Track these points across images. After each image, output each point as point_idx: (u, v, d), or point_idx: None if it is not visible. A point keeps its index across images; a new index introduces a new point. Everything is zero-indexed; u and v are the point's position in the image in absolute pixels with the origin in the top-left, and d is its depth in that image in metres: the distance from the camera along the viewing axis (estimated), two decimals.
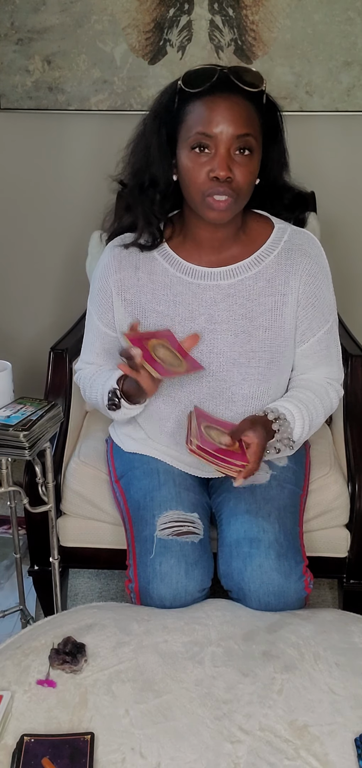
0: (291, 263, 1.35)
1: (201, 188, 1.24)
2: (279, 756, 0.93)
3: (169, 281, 1.36)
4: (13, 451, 1.31)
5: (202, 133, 1.21)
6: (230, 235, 1.34)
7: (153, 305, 1.37)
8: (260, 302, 1.34)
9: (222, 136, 1.20)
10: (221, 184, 1.21)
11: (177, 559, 1.27)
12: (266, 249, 1.36)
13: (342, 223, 2.34)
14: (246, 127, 1.21)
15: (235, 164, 1.22)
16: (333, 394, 1.44)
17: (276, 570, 1.25)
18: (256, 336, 1.35)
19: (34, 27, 2.23)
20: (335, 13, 2.16)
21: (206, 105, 1.22)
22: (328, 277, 1.40)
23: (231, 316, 1.34)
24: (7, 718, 0.99)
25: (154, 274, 1.37)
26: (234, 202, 1.24)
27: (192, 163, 1.23)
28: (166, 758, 0.93)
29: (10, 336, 2.55)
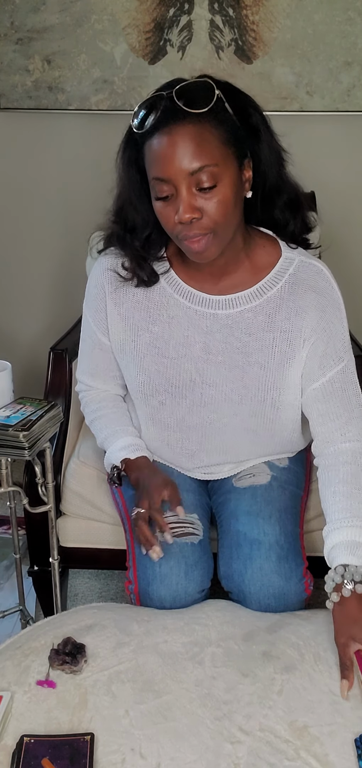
0: (295, 299, 1.25)
1: (173, 232, 1.16)
2: (279, 756, 0.93)
3: (166, 301, 1.29)
4: (13, 451, 1.31)
5: (157, 179, 1.12)
6: (230, 260, 1.24)
7: (147, 324, 1.30)
8: (258, 337, 1.26)
9: (177, 177, 1.09)
10: (190, 226, 1.12)
11: (176, 560, 1.26)
12: (270, 280, 1.26)
13: (342, 223, 2.34)
14: (199, 159, 1.08)
15: (201, 199, 1.10)
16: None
17: (277, 572, 1.25)
18: (250, 372, 1.27)
19: (34, 27, 2.23)
20: (335, 13, 2.16)
21: (156, 144, 1.11)
22: (340, 311, 1.28)
23: (227, 349, 1.27)
24: (7, 719, 0.99)
25: (150, 292, 1.30)
26: (213, 237, 1.14)
27: (159, 210, 1.15)
28: (166, 759, 0.93)
29: (10, 336, 2.55)
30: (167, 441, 1.38)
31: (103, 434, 1.43)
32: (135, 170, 1.19)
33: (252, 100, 1.18)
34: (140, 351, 1.32)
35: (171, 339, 1.30)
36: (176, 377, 1.30)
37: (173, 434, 1.36)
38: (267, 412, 1.31)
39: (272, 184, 1.23)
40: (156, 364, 1.31)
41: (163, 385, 1.31)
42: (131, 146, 1.18)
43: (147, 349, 1.31)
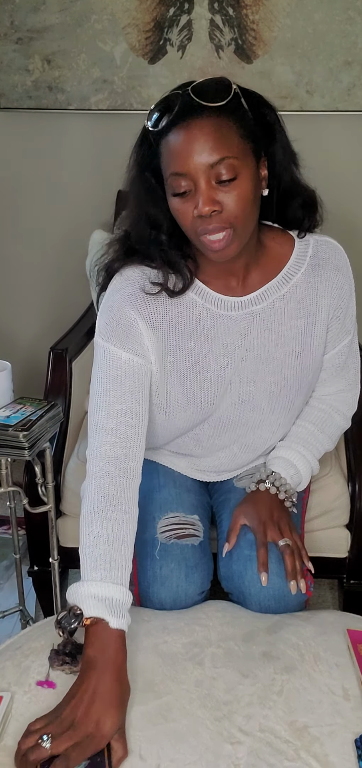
0: (321, 280, 1.26)
1: (191, 229, 1.12)
2: (279, 757, 0.93)
3: (198, 314, 1.23)
4: (13, 451, 1.31)
5: (175, 174, 1.09)
6: (249, 260, 1.23)
7: (185, 342, 1.23)
8: (291, 325, 1.26)
9: (197, 170, 1.07)
10: (210, 220, 1.09)
11: (177, 562, 1.26)
12: (292, 266, 1.26)
13: (342, 222, 2.33)
14: (220, 151, 1.06)
15: (221, 193, 1.08)
16: (339, 417, 1.39)
17: (277, 574, 1.25)
18: (288, 363, 1.27)
19: (34, 26, 2.23)
20: (335, 12, 2.16)
21: (173, 140, 1.08)
22: (352, 288, 1.32)
23: (263, 343, 1.25)
24: (6, 719, 0.99)
25: (182, 307, 1.23)
26: (233, 233, 1.11)
27: (177, 207, 1.12)
28: (166, 760, 0.93)
29: (10, 336, 2.55)
30: (197, 437, 1.33)
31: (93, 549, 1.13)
32: (150, 173, 1.16)
33: (266, 99, 1.17)
34: (181, 372, 1.24)
35: (210, 352, 1.24)
36: (218, 387, 1.26)
37: (206, 431, 1.32)
38: (300, 400, 1.34)
39: (287, 185, 1.23)
40: (199, 382, 1.25)
41: (207, 400, 1.27)
42: (145, 148, 1.15)
43: (189, 370, 1.24)
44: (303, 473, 1.34)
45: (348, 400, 1.41)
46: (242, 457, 1.38)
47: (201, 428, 1.32)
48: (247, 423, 1.31)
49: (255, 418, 1.31)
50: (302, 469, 1.34)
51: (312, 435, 1.36)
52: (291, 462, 1.33)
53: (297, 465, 1.33)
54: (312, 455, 1.35)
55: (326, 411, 1.38)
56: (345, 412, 1.41)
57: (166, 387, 1.25)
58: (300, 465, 1.33)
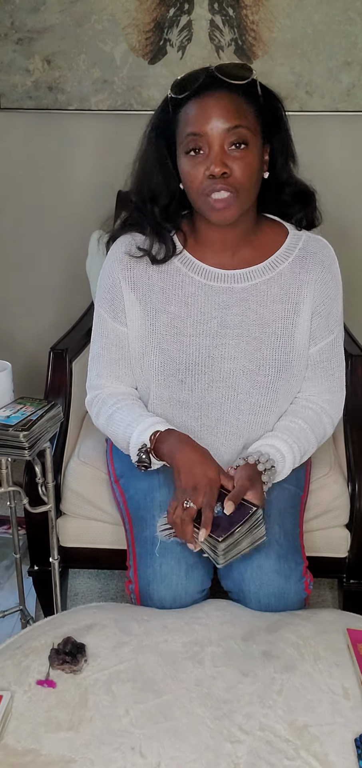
0: (306, 271, 1.34)
1: (199, 188, 1.23)
2: (279, 756, 0.93)
3: (181, 281, 1.34)
4: (13, 451, 1.31)
5: (193, 134, 1.21)
6: (241, 236, 1.33)
7: (164, 305, 1.34)
8: (273, 309, 1.33)
9: (213, 132, 1.20)
10: (218, 180, 1.21)
11: (177, 560, 1.27)
12: (280, 255, 1.35)
13: (342, 222, 2.33)
14: (236, 119, 1.20)
15: (231, 159, 1.21)
16: (327, 420, 1.41)
17: (277, 571, 1.25)
18: (268, 344, 1.33)
19: (34, 27, 2.23)
20: (335, 13, 2.16)
21: (194, 106, 1.22)
22: (339, 288, 1.39)
23: (244, 321, 1.33)
24: (7, 719, 0.99)
25: (165, 273, 1.35)
26: (235, 197, 1.23)
27: (188, 167, 1.24)
28: (166, 758, 0.93)
29: (10, 336, 2.55)
30: (185, 421, 1.36)
31: (124, 423, 1.34)
32: (163, 140, 1.29)
33: (278, 96, 1.30)
34: (158, 332, 1.34)
35: (188, 317, 1.33)
36: (195, 354, 1.33)
37: (192, 412, 1.35)
38: (282, 387, 1.35)
39: (283, 176, 1.34)
40: (175, 343, 1.33)
41: (183, 363, 1.33)
42: (164, 115, 1.28)
43: (165, 330, 1.33)
44: (287, 466, 1.33)
45: (333, 402, 1.42)
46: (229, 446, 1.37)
47: (186, 412, 1.35)
48: (229, 401, 1.34)
49: (235, 396, 1.34)
50: (287, 458, 1.32)
51: (302, 431, 1.36)
52: (280, 450, 1.32)
53: (284, 454, 1.32)
54: (299, 451, 1.35)
55: (316, 411, 1.40)
56: (332, 416, 1.42)
57: (146, 348, 1.35)
58: (286, 454, 1.32)
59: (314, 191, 1.39)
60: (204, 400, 1.35)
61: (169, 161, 1.29)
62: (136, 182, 1.34)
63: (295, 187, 1.37)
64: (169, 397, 1.35)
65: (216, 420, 1.36)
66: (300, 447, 1.35)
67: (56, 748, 0.95)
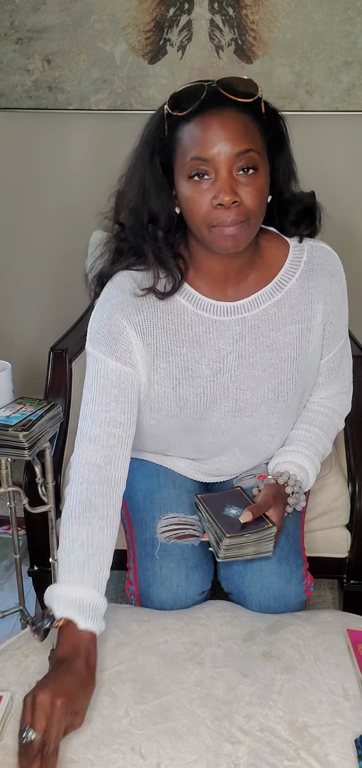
0: (315, 285, 1.27)
1: (206, 219, 1.11)
2: (280, 757, 0.93)
3: (190, 320, 1.23)
4: (13, 451, 1.31)
5: (198, 158, 1.09)
6: (246, 263, 1.23)
7: (176, 348, 1.23)
8: (286, 331, 1.26)
9: (221, 158, 1.08)
10: (227, 211, 1.09)
11: (177, 562, 1.26)
12: (286, 272, 1.27)
13: (342, 223, 2.34)
14: (246, 143, 1.09)
15: (240, 185, 1.10)
16: (339, 420, 1.41)
17: (277, 574, 1.25)
18: (284, 369, 1.27)
19: (34, 26, 2.23)
20: (335, 12, 2.16)
21: (198, 126, 1.09)
22: (345, 293, 1.35)
23: (258, 349, 1.25)
24: (6, 719, 0.99)
25: (172, 313, 1.23)
26: (246, 227, 1.12)
27: (192, 193, 1.11)
28: (166, 758, 0.93)
29: (10, 336, 2.55)
30: (198, 443, 1.33)
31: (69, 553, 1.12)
32: (158, 160, 1.17)
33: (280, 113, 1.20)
34: (173, 377, 1.24)
35: (203, 358, 1.24)
36: (213, 393, 1.26)
37: (206, 437, 1.31)
38: (298, 404, 1.34)
39: (285, 195, 1.25)
40: (192, 387, 1.25)
41: (200, 405, 1.26)
42: (160, 133, 1.16)
43: (180, 374, 1.24)
44: (311, 481, 1.34)
45: (344, 401, 1.43)
46: (244, 460, 1.37)
47: (200, 436, 1.31)
48: (246, 427, 1.30)
49: (253, 423, 1.30)
50: (310, 475, 1.33)
51: (319, 440, 1.36)
52: (304, 467, 1.32)
53: (308, 471, 1.33)
54: (319, 460, 1.36)
55: (328, 415, 1.39)
56: (342, 414, 1.43)
57: (158, 393, 1.25)
58: (310, 470, 1.33)
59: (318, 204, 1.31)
60: (220, 429, 1.29)
61: (166, 182, 1.17)
62: (131, 203, 1.21)
63: (300, 206, 1.28)
64: (183, 427, 1.29)
65: (232, 439, 1.33)
66: (319, 456, 1.35)
67: None
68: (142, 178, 1.18)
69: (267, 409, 1.29)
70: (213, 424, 1.29)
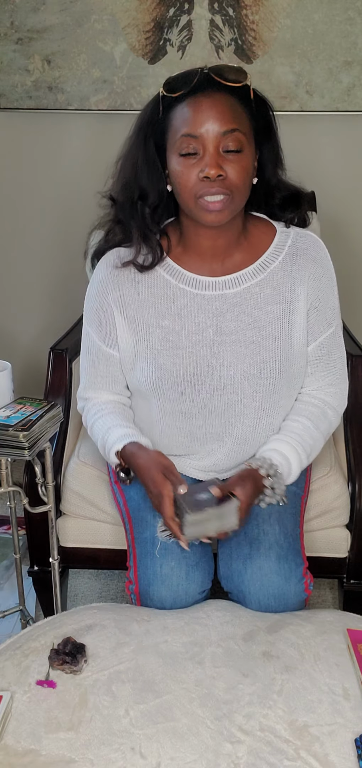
0: (298, 268, 1.32)
1: (192, 191, 1.21)
2: (280, 756, 0.93)
3: (172, 293, 1.32)
4: (13, 451, 1.31)
5: (188, 135, 1.19)
6: (232, 241, 1.31)
7: (157, 320, 1.32)
8: (267, 310, 1.31)
9: (209, 135, 1.18)
10: (213, 183, 1.19)
11: (177, 561, 1.26)
12: (270, 254, 1.33)
13: (342, 222, 2.34)
14: (232, 123, 1.19)
15: (226, 162, 1.19)
16: (332, 413, 1.40)
17: (276, 572, 1.25)
18: (266, 346, 1.31)
19: (34, 27, 2.23)
20: (335, 12, 2.16)
21: (189, 106, 1.20)
22: (333, 280, 1.37)
23: (240, 326, 1.31)
24: (6, 719, 0.99)
25: (154, 288, 1.32)
26: (230, 201, 1.21)
27: (181, 168, 1.21)
28: (166, 758, 0.93)
29: (10, 336, 2.55)
30: (190, 430, 1.35)
31: (100, 437, 1.38)
32: (152, 140, 1.26)
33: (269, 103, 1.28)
34: (153, 348, 1.32)
35: (182, 330, 1.31)
36: (193, 365, 1.31)
37: (196, 422, 1.34)
38: (284, 387, 1.34)
39: (271, 181, 1.33)
40: (171, 357, 1.31)
41: (180, 376, 1.31)
42: (154, 114, 1.25)
43: (160, 345, 1.31)
44: (294, 468, 1.33)
45: (337, 394, 1.41)
46: (236, 451, 1.37)
47: (191, 421, 1.34)
48: (233, 408, 1.33)
49: (238, 402, 1.32)
50: (291, 460, 1.32)
51: (307, 430, 1.35)
52: (283, 453, 1.31)
53: (288, 457, 1.32)
54: (304, 451, 1.34)
55: (319, 407, 1.38)
56: (336, 407, 1.42)
57: (141, 367, 1.33)
58: (291, 456, 1.32)
59: (304, 191, 1.38)
60: (208, 409, 1.33)
61: (158, 161, 1.27)
62: (123, 181, 1.31)
63: (286, 191, 1.35)
64: (171, 409, 1.34)
65: (221, 426, 1.34)
66: (305, 446, 1.34)
67: (56, 748, 0.95)
68: (135, 157, 1.28)
69: (251, 387, 1.31)
70: (201, 405, 1.32)
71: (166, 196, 1.29)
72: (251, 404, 1.32)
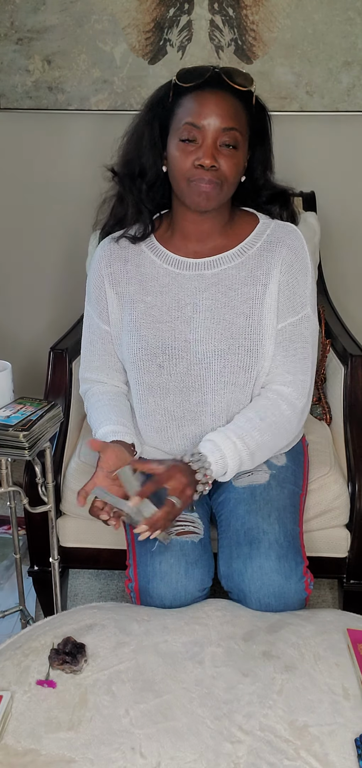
0: (272, 254, 1.39)
1: (186, 173, 1.30)
2: (279, 756, 0.93)
3: (156, 272, 1.42)
4: (13, 451, 1.31)
5: (191, 124, 1.29)
6: (216, 227, 1.40)
7: (141, 296, 1.42)
8: (242, 291, 1.38)
9: (209, 128, 1.28)
10: (206, 172, 1.28)
11: (176, 558, 1.27)
12: (249, 241, 1.41)
13: (342, 222, 2.34)
14: (232, 122, 1.28)
15: (221, 155, 1.29)
16: (286, 407, 1.37)
17: (277, 571, 1.25)
18: (237, 323, 1.37)
19: (34, 27, 2.23)
20: (335, 13, 2.16)
21: (196, 99, 1.29)
22: (306, 270, 1.39)
23: (214, 305, 1.38)
24: (6, 719, 0.99)
25: (142, 266, 1.43)
26: (218, 189, 1.30)
27: (179, 152, 1.30)
28: (166, 758, 0.93)
29: (10, 336, 2.55)
30: (167, 407, 1.40)
31: (93, 423, 1.45)
32: (158, 121, 1.36)
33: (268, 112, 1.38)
34: (137, 321, 1.41)
35: (163, 305, 1.40)
36: (171, 339, 1.39)
37: (173, 398, 1.39)
38: (254, 365, 1.37)
39: (259, 183, 1.43)
40: (152, 329, 1.40)
41: (160, 348, 1.39)
42: (164, 98, 1.35)
43: (143, 318, 1.41)
44: (230, 461, 1.31)
45: (295, 384, 1.38)
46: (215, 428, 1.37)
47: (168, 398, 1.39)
48: (207, 384, 1.38)
49: (212, 378, 1.37)
50: (229, 457, 1.30)
51: (249, 422, 1.34)
52: (220, 447, 1.30)
53: (224, 451, 1.30)
54: (244, 444, 1.32)
55: (271, 398, 1.38)
56: (294, 400, 1.38)
57: (126, 341, 1.42)
58: (228, 452, 1.30)
59: (291, 190, 1.48)
60: (184, 384, 1.38)
61: (160, 142, 1.36)
62: (126, 156, 1.41)
63: (272, 191, 1.45)
64: (149, 383, 1.40)
65: (197, 404, 1.38)
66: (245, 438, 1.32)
67: (56, 748, 0.95)
68: (140, 135, 1.38)
69: (221, 362, 1.37)
70: (178, 379, 1.39)
71: (162, 176, 1.39)
72: (221, 379, 1.37)
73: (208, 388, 1.38)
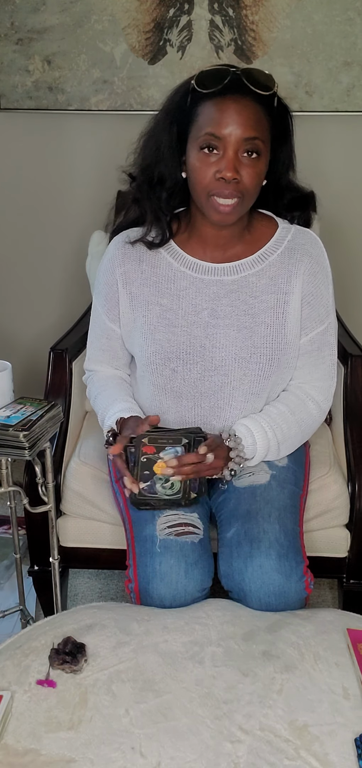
0: (294, 262, 1.37)
1: (207, 188, 1.26)
2: (279, 756, 0.93)
3: (173, 275, 1.39)
4: (13, 451, 1.31)
5: (211, 134, 1.24)
6: (235, 234, 1.37)
7: (156, 298, 1.39)
8: (262, 299, 1.37)
9: (231, 138, 1.23)
10: (227, 185, 1.24)
11: (176, 559, 1.27)
12: (270, 247, 1.39)
13: (342, 223, 2.34)
14: (254, 131, 1.24)
15: (242, 166, 1.25)
16: (313, 406, 1.43)
17: (277, 570, 1.25)
18: (258, 332, 1.36)
19: (34, 27, 2.23)
20: (335, 13, 2.16)
21: (217, 106, 1.24)
22: (328, 278, 1.41)
23: (234, 312, 1.36)
24: (7, 718, 0.99)
25: (157, 268, 1.40)
26: (240, 203, 1.27)
27: (200, 163, 1.26)
28: (166, 758, 0.93)
29: (10, 336, 2.55)
30: (179, 411, 1.40)
31: (102, 407, 1.45)
32: (175, 128, 1.31)
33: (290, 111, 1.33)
34: (151, 324, 1.39)
35: (179, 309, 1.38)
36: (187, 344, 1.37)
37: (186, 402, 1.39)
38: (273, 374, 1.37)
39: (282, 184, 1.39)
40: (167, 333, 1.38)
41: (174, 353, 1.37)
42: (182, 104, 1.29)
43: (157, 321, 1.38)
44: (260, 448, 1.36)
45: (323, 389, 1.44)
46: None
47: (181, 401, 1.38)
48: (222, 390, 1.37)
49: (228, 384, 1.37)
50: (259, 444, 1.36)
51: (281, 415, 1.39)
52: (253, 434, 1.35)
53: (256, 438, 1.35)
54: (274, 434, 1.37)
55: (300, 397, 1.42)
56: (320, 403, 1.44)
57: (139, 342, 1.41)
58: (259, 439, 1.36)
59: (313, 193, 1.43)
60: (198, 390, 1.38)
61: (178, 149, 1.32)
62: (144, 161, 1.36)
63: (296, 193, 1.41)
64: (163, 385, 1.39)
65: (210, 409, 1.38)
66: (276, 430, 1.37)
67: (56, 748, 0.95)
68: (158, 141, 1.33)
69: (241, 370, 1.36)
70: (192, 384, 1.38)
71: (182, 182, 1.34)
72: (240, 387, 1.37)
73: (224, 395, 1.38)
